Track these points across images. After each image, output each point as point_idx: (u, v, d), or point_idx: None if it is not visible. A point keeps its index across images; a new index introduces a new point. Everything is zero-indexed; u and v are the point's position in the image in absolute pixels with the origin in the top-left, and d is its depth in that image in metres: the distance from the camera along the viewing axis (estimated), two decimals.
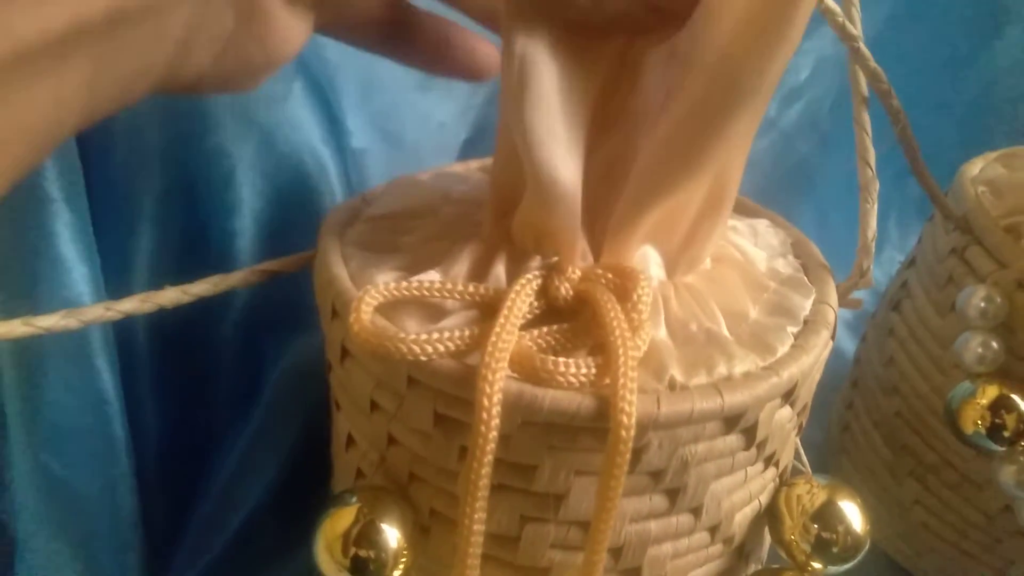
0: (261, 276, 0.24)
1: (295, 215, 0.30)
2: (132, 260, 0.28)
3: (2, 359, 0.24)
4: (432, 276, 0.21)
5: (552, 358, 0.19)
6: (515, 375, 0.19)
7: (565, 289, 0.20)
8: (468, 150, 0.37)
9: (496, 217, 0.22)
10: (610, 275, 0.20)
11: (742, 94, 0.19)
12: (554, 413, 0.18)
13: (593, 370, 0.18)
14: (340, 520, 0.20)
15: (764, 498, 0.23)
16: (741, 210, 0.28)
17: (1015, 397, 0.28)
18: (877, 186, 0.25)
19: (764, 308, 0.23)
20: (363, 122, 0.34)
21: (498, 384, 0.18)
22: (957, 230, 0.30)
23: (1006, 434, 0.28)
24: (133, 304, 0.22)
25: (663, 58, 0.20)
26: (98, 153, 0.26)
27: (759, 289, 0.23)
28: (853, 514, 0.23)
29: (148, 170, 0.27)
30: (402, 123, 0.36)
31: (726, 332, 0.21)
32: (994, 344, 0.28)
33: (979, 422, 0.28)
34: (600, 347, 0.19)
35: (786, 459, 0.24)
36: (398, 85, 0.35)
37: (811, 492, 0.23)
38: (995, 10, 0.50)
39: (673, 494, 0.20)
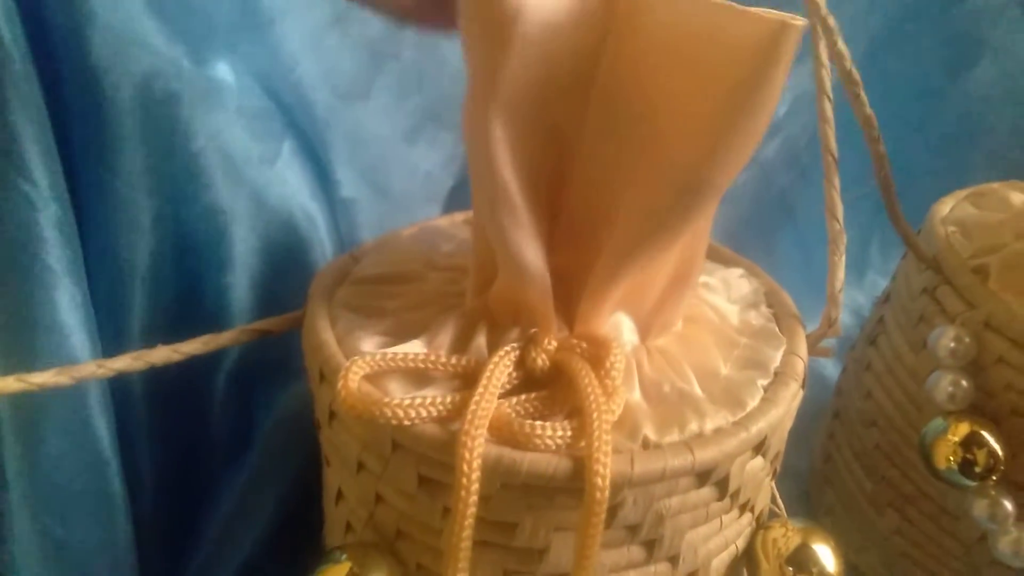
0: (251, 335, 0.25)
1: (287, 268, 0.31)
2: (127, 316, 0.29)
3: (2, 419, 0.25)
4: (416, 346, 0.22)
5: (530, 422, 0.20)
6: (494, 440, 0.20)
7: (542, 360, 0.21)
8: (454, 197, 0.38)
9: (477, 290, 0.23)
10: (584, 344, 0.22)
11: (711, 192, 0.20)
12: (532, 475, 0.19)
13: (569, 433, 0.19)
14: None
15: (741, 543, 0.24)
16: (717, 259, 0.29)
17: (985, 434, 0.28)
18: (844, 239, 0.26)
19: (735, 363, 0.24)
20: (352, 174, 0.35)
21: (478, 449, 0.19)
22: (929, 270, 0.31)
23: (977, 469, 0.28)
24: (125, 362, 0.23)
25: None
26: (93, 222, 0.27)
27: (730, 346, 0.24)
28: (826, 556, 0.24)
29: (141, 232, 0.28)
30: (389, 174, 0.37)
31: (698, 390, 0.22)
32: (964, 383, 0.29)
33: (951, 458, 0.29)
34: (576, 412, 0.20)
35: (761, 503, 0.24)
36: (385, 138, 0.36)
37: (786, 535, 0.24)
38: (969, 43, 0.51)
39: (650, 545, 0.21)
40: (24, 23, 0.24)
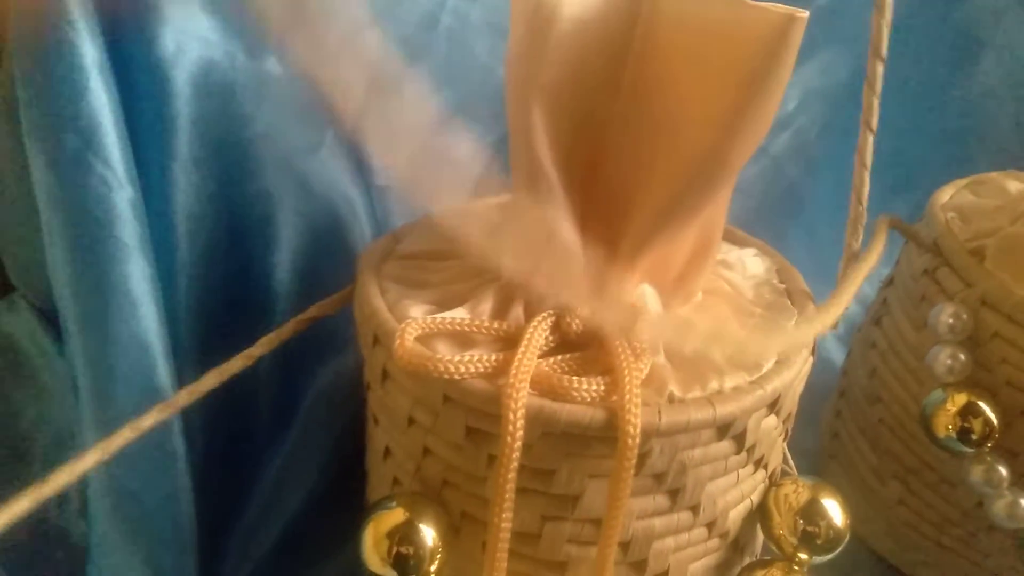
0: (305, 324, 0.28)
1: (330, 249, 0.34)
2: (185, 292, 0.31)
3: (78, 378, 0.27)
4: (461, 312, 0.24)
5: (568, 377, 0.22)
6: (536, 392, 0.22)
7: (576, 324, 0.23)
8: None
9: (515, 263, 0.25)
10: (614, 312, 0.24)
11: (725, 173, 0.22)
12: (570, 424, 0.21)
13: (603, 387, 0.22)
14: (384, 521, 0.23)
15: (756, 497, 0.26)
16: (732, 239, 0.31)
17: (981, 404, 0.31)
18: (864, 219, 0.28)
19: (759, 332, 0.26)
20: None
21: (522, 400, 0.21)
22: (929, 253, 0.33)
23: (974, 437, 0.31)
24: (210, 382, 0.25)
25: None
26: (154, 204, 0.29)
27: (747, 316, 0.26)
28: (834, 510, 0.26)
29: (196, 214, 0.31)
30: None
31: (717, 355, 0.24)
32: (962, 356, 0.31)
33: (949, 427, 0.31)
34: (608, 370, 0.22)
35: (775, 462, 0.27)
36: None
37: (797, 491, 0.26)
38: (969, 41, 0.53)
39: (674, 494, 0.23)
40: (98, 19, 0.26)
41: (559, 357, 0.23)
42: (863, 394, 0.38)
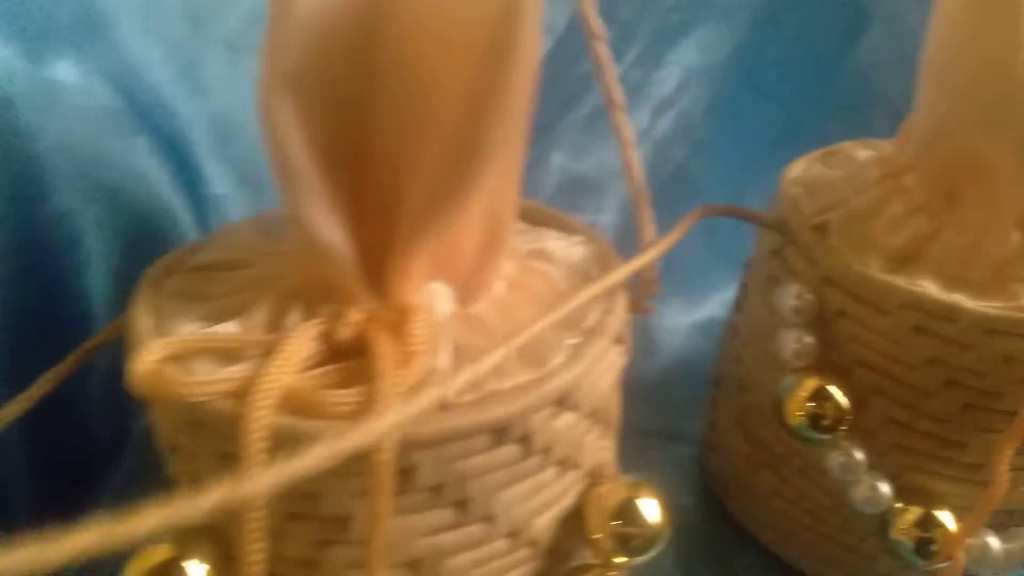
0: (91, 353, 0.26)
1: (147, 265, 0.32)
2: None
3: None
4: (230, 327, 0.23)
5: (322, 391, 0.20)
6: (287, 411, 0.20)
7: (346, 332, 0.22)
8: None
9: (294, 270, 0.24)
10: (389, 314, 0.22)
11: (484, 155, 0.20)
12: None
13: (358, 399, 0.20)
14: (145, 560, 0.21)
15: (569, 500, 0.25)
16: (560, 226, 0.30)
17: (830, 388, 0.29)
18: (648, 195, 0.26)
19: (552, 326, 0.24)
20: (222, 169, 0.36)
21: (262, 420, 0.19)
22: (775, 232, 0.32)
23: (826, 423, 0.29)
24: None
25: None
26: None
27: (548, 307, 0.25)
28: (650, 508, 0.24)
29: None
30: (262, 167, 0.37)
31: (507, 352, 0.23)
32: (808, 339, 0.30)
33: (800, 414, 0.29)
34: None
35: (590, 461, 0.25)
36: (257, 132, 0.37)
37: (612, 491, 0.25)
38: (858, 13, 0.52)
39: (460, 507, 0.22)
40: None
41: (324, 369, 0.21)
42: (733, 382, 0.36)
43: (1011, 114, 0.25)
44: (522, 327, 0.24)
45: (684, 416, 0.45)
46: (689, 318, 0.51)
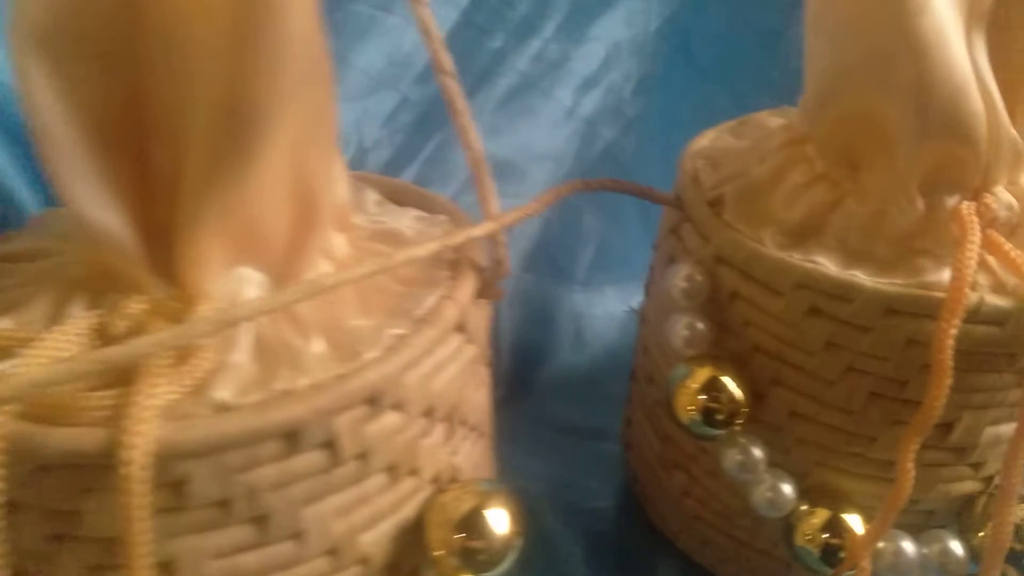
0: None
1: None
2: None
3: None
4: (3, 322, 0.20)
5: (74, 394, 0.17)
6: (35, 416, 0.17)
7: (121, 325, 0.19)
8: None
9: (79, 258, 0.21)
10: (172, 305, 0.19)
11: (256, 115, 0.18)
12: (62, 453, 0.17)
13: (112, 402, 0.17)
14: None
15: (409, 512, 0.22)
16: (423, 205, 0.27)
17: (724, 378, 0.26)
18: (487, 166, 0.23)
19: (378, 313, 0.21)
20: None
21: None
22: (672, 208, 0.29)
23: (720, 417, 0.26)
24: None
25: None
26: None
27: (379, 295, 0.22)
28: (498, 520, 0.21)
29: None
30: None
31: (314, 346, 0.20)
32: (699, 324, 0.27)
33: (691, 408, 0.26)
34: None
35: (432, 468, 0.22)
36: None
37: (458, 499, 0.22)
38: None
39: (259, 523, 0.19)
40: None
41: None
42: (643, 374, 0.33)
43: (899, 71, 0.22)
44: (344, 311, 0.21)
45: (612, 412, 0.42)
46: (623, 308, 0.48)
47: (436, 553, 0.21)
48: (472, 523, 0.21)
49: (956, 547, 0.26)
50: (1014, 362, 0.23)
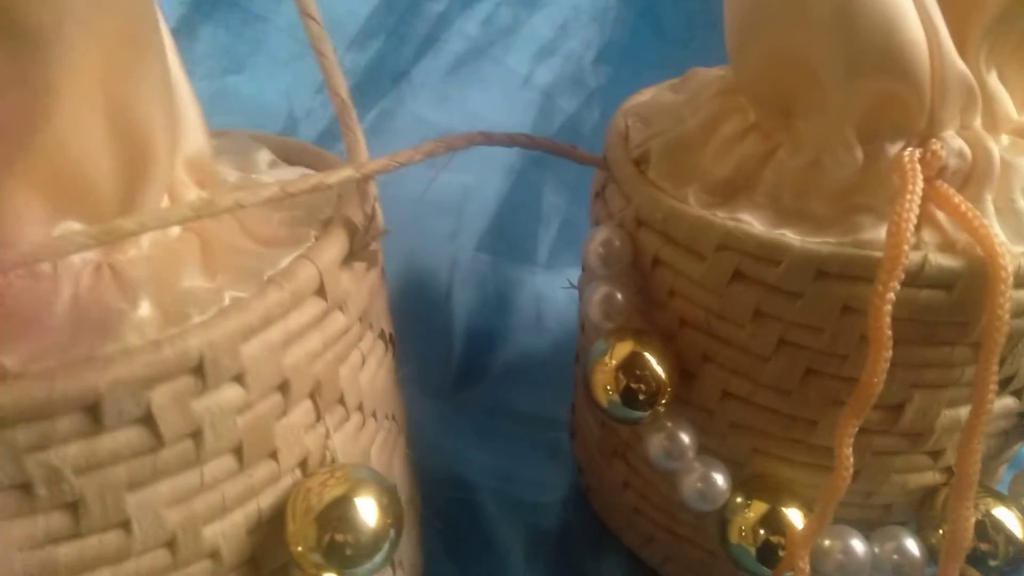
0: None
1: None
2: None
3: None
4: None
5: None
6: None
7: None
8: None
9: None
10: None
11: (27, 33, 0.15)
12: None
13: None
14: None
15: (267, 501, 0.19)
16: (314, 164, 0.24)
17: (646, 354, 0.23)
18: (354, 114, 0.21)
19: (221, 274, 0.19)
20: None
21: None
22: (599, 169, 0.26)
23: (642, 398, 0.24)
24: None
25: None
26: None
27: (229, 254, 0.19)
28: (367, 509, 0.19)
29: None
30: None
31: (140, 309, 0.17)
32: (618, 295, 0.24)
33: (609, 388, 0.24)
34: None
35: (294, 452, 0.20)
36: None
37: (323, 486, 0.19)
38: None
39: (73, 509, 0.17)
40: None
41: None
42: (581, 354, 0.31)
43: (817, 5, 0.19)
44: (183, 272, 0.19)
45: (568, 399, 0.39)
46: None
47: (295, 548, 0.19)
48: (339, 513, 0.19)
49: (912, 545, 0.23)
50: (966, 332, 0.20)
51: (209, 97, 0.25)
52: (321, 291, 0.19)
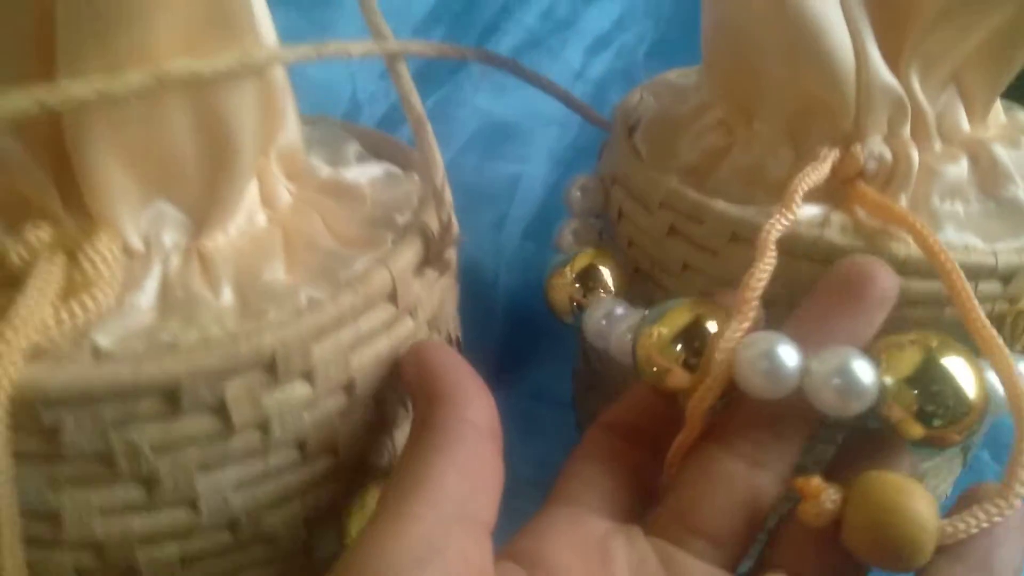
0: None
1: None
2: None
3: None
4: None
5: None
6: None
7: (21, 255, 0.18)
8: None
9: None
10: (76, 235, 0.18)
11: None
12: None
13: None
14: None
15: (326, 496, 0.20)
16: (397, 159, 0.25)
17: (601, 267, 0.25)
18: (429, 126, 0.21)
19: (302, 272, 0.19)
20: None
21: None
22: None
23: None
24: None
25: None
26: None
27: (310, 251, 0.20)
28: None
29: None
30: None
31: (224, 299, 0.18)
32: (591, 221, 0.27)
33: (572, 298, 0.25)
34: None
35: (354, 452, 0.20)
36: None
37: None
38: None
39: (149, 484, 0.17)
40: None
41: None
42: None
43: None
44: (265, 267, 0.19)
45: None
46: None
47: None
48: None
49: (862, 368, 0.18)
50: None
51: None
52: (393, 297, 0.19)
